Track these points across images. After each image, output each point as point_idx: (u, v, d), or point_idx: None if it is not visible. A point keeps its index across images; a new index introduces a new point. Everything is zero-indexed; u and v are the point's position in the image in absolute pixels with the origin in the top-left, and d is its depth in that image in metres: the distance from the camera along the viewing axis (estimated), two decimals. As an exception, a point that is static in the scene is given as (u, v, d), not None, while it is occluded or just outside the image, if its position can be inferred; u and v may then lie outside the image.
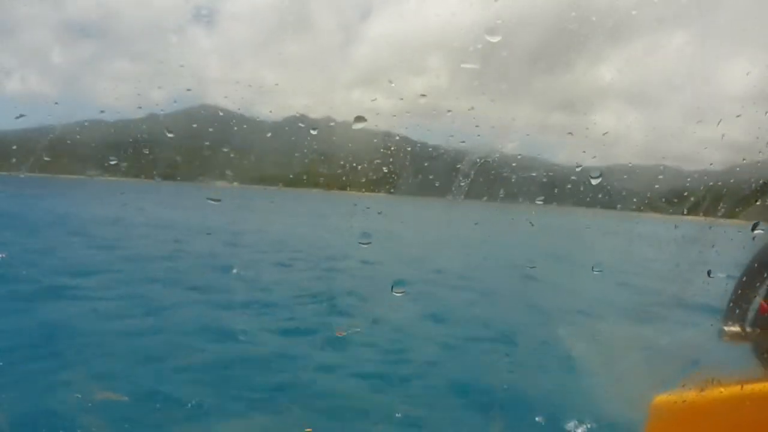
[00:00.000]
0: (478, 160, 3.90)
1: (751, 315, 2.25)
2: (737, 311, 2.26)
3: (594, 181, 3.41)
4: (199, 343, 6.88)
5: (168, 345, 6.77)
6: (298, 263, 13.78)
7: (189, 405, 5.25)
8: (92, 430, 4.52)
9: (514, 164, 4.16)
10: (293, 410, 5.28)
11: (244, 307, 8.77)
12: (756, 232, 2.35)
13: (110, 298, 8.90)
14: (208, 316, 8.15)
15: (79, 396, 4.88)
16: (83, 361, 6.03)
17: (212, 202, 4.19)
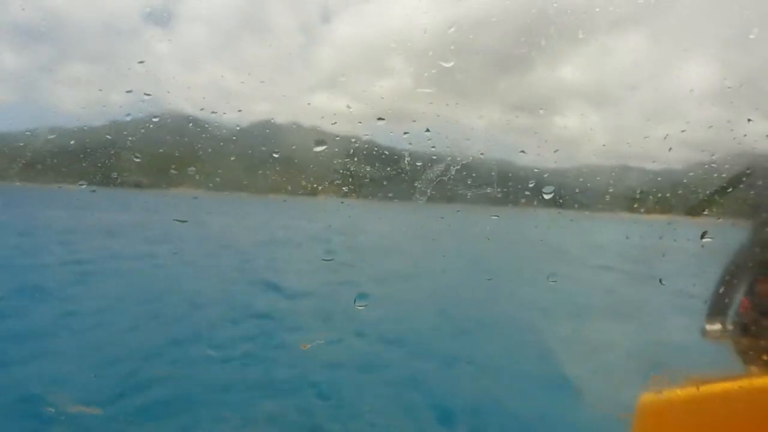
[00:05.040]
0: (447, 163, 3.90)
1: (732, 313, 2.28)
2: (719, 309, 2.29)
3: (547, 197, 3.46)
4: (171, 355, 6.77)
5: (139, 358, 6.64)
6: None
7: (162, 419, 5.16)
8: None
9: (479, 166, 4.17)
10: (264, 425, 5.24)
11: (213, 320, 8.64)
12: (705, 240, 2.39)
13: (77, 309, 8.69)
14: (175, 328, 8.00)
15: (52, 410, 4.76)
16: (55, 373, 5.88)
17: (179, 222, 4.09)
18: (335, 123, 4.20)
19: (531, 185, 4.02)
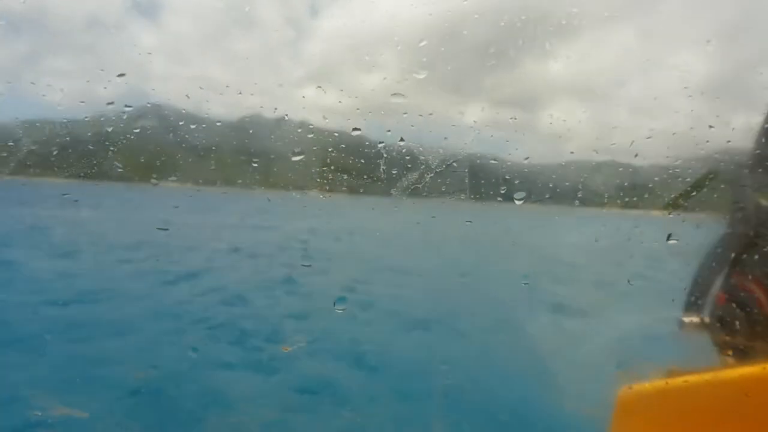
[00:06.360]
0: (432, 157, 3.90)
1: (709, 306, 2.29)
2: (696, 302, 2.31)
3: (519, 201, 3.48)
4: (155, 360, 6.71)
5: (126, 362, 6.57)
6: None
7: (146, 423, 5.13)
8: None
9: (466, 161, 4.18)
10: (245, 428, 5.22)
11: (197, 323, 8.56)
12: (671, 242, 2.43)
13: (60, 311, 8.55)
14: (161, 331, 7.92)
15: (39, 413, 4.73)
16: (41, 376, 5.82)
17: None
18: (324, 117, 4.19)
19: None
